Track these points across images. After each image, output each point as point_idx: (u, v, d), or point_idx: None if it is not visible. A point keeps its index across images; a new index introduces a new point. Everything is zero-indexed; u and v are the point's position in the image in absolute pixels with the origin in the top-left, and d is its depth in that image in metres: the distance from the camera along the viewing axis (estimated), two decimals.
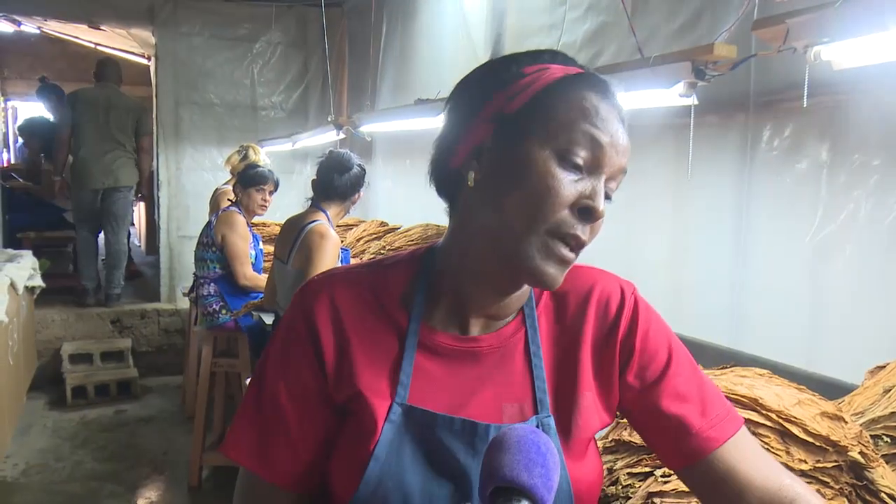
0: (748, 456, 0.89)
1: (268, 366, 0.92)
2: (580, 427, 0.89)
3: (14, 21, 6.36)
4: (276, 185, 3.79)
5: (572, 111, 0.81)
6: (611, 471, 1.27)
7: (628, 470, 1.23)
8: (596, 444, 0.94)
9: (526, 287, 0.90)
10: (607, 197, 0.83)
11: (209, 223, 3.73)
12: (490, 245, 0.84)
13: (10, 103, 10.72)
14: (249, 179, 3.71)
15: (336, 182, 2.81)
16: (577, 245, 0.82)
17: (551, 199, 0.79)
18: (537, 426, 0.86)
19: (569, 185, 0.80)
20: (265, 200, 3.74)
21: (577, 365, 0.91)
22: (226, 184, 4.67)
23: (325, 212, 2.82)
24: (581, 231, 0.81)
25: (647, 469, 1.23)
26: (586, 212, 0.80)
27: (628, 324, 0.92)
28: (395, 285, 0.92)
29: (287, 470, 0.89)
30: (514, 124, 0.83)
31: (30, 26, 6.88)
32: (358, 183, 2.87)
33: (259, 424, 0.90)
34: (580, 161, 0.80)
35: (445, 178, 0.91)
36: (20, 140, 8.65)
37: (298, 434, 0.89)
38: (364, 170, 2.90)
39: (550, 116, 0.81)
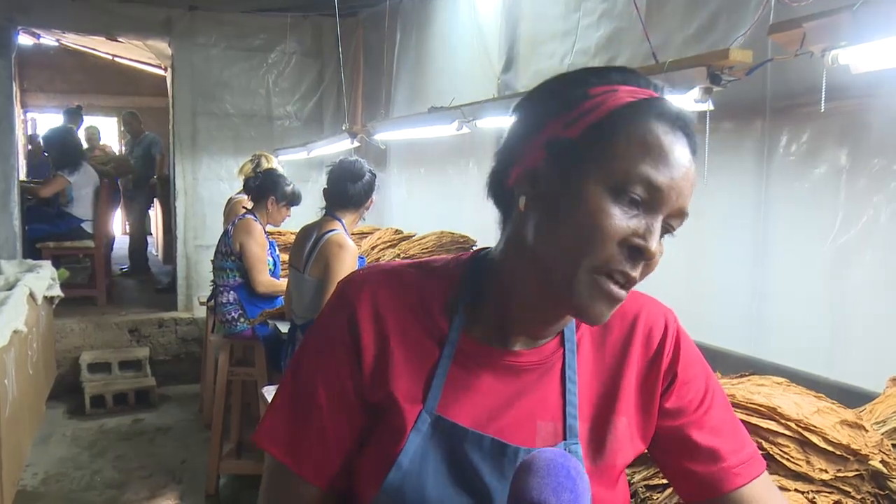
0: (772, 497, 0.90)
1: (305, 357, 0.91)
2: (613, 452, 0.87)
3: (33, 34, 6.46)
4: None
5: (632, 146, 0.76)
6: (628, 483, 1.26)
7: (646, 482, 1.22)
8: (625, 474, 0.92)
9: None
10: (668, 232, 0.80)
11: (226, 232, 3.75)
12: (538, 274, 0.82)
13: (28, 115, 10.86)
14: (286, 197, 3.77)
15: (350, 191, 2.81)
16: (627, 282, 0.78)
17: (601, 237, 0.75)
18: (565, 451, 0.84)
19: (621, 221, 0.75)
20: (288, 215, 3.86)
21: (618, 390, 0.89)
22: (239, 193, 4.69)
23: (340, 220, 2.83)
24: (631, 268, 0.77)
25: (664, 481, 1.22)
26: (636, 251, 0.76)
27: (673, 351, 0.91)
28: (440, 290, 0.90)
29: (317, 464, 0.88)
30: (572, 152, 0.78)
31: (49, 39, 6.98)
32: (370, 189, 2.87)
33: (293, 416, 0.89)
34: (636, 198, 0.76)
35: (501, 194, 0.88)
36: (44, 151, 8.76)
37: (331, 430, 0.88)
38: (375, 175, 2.90)
39: (608, 149, 0.77)
